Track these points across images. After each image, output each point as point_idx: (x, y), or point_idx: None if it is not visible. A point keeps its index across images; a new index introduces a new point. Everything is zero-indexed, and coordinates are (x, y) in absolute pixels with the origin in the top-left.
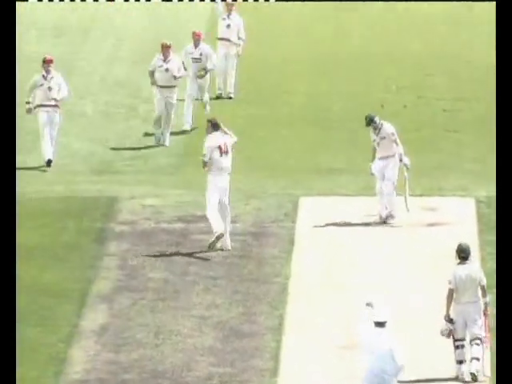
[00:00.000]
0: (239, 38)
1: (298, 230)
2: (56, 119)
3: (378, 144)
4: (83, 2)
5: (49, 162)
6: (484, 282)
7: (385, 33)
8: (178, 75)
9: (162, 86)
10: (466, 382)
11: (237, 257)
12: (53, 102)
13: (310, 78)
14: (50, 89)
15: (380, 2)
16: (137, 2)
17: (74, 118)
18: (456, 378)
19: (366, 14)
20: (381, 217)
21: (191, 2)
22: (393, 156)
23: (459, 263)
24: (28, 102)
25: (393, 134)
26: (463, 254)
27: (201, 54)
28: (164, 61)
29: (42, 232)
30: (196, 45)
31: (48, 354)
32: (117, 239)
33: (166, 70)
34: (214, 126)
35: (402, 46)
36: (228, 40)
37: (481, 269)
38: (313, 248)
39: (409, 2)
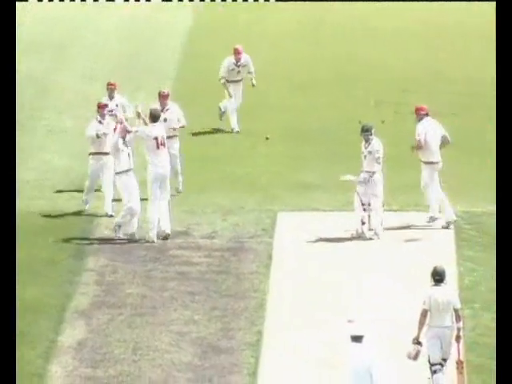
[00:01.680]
0: (249, 72)
1: (276, 245)
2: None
3: (365, 157)
4: (61, 19)
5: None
6: (459, 306)
7: (363, 47)
8: (177, 126)
9: None
10: None
11: (215, 272)
12: (105, 150)
13: (287, 93)
14: (105, 135)
15: (357, 18)
16: (114, 18)
17: (55, 134)
18: None
19: (343, 27)
20: (357, 231)
21: (168, 20)
22: (377, 172)
23: (434, 285)
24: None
25: (377, 152)
26: (438, 277)
27: (116, 106)
28: (162, 110)
29: (21, 247)
30: (110, 96)
31: (26, 369)
32: (95, 255)
33: (165, 120)
34: (154, 118)
35: (380, 60)
36: (239, 81)
37: (455, 293)
38: (291, 263)
39: (385, 19)
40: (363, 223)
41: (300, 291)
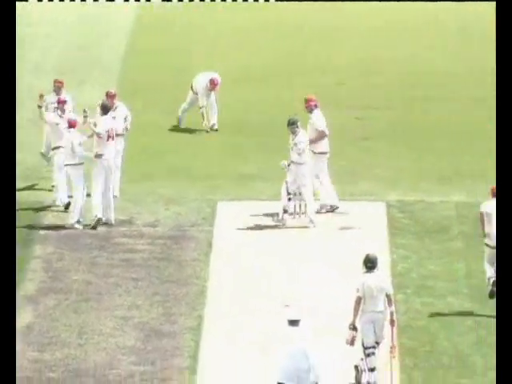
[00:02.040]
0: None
1: (216, 233)
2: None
3: (292, 149)
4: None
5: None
6: (391, 291)
7: (297, 41)
8: (125, 126)
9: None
10: None
11: (157, 259)
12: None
13: (226, 87)
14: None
15: (293, 13)
16: (62, 13)
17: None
18: None
19: (278, 23)
20: (277, 217)
21: (114, 16)
22: (304, 164)
23: (366, 272)
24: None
25: (300, 143)
26: (370, 264)
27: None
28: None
29: None
30: (57, 92)
31: None
32: (42, 243)
33: (114, 117)
34: (105, 109)
35: (314, 54)
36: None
37: (388, 279)
38: (230, 251)
39: (321, 13)
40: (285, 211)
41: (239, 278)
